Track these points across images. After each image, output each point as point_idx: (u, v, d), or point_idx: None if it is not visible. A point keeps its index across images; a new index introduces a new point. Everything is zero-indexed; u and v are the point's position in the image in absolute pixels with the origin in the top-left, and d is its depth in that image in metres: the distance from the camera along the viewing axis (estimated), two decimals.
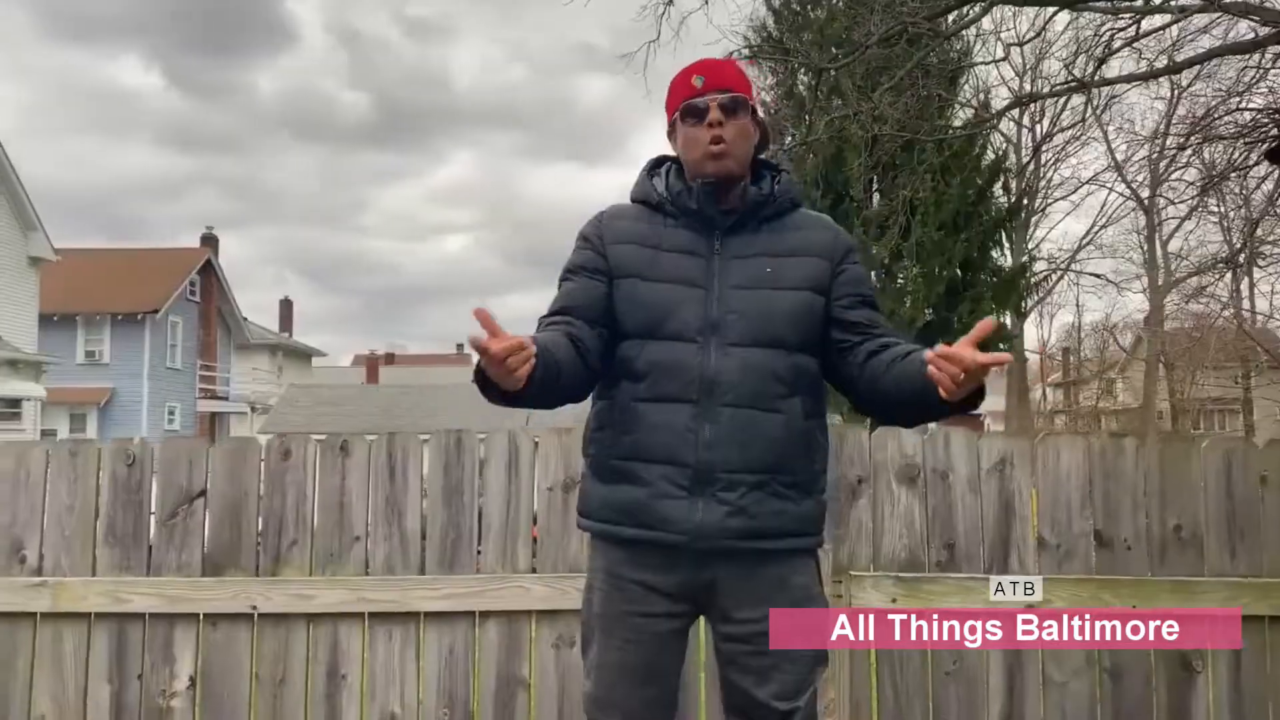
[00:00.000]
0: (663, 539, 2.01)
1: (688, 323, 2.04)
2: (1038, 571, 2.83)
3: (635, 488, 2.03)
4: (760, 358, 2.03)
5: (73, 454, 3.02)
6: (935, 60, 20.02)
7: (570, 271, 2.15)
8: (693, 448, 2.00)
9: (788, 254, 2.11)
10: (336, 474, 2.97)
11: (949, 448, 2.89)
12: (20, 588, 2.93)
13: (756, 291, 2.06)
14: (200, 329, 34.46)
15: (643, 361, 2.04)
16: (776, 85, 29.01)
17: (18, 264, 24.67)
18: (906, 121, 18.71)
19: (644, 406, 2.03)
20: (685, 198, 2.12)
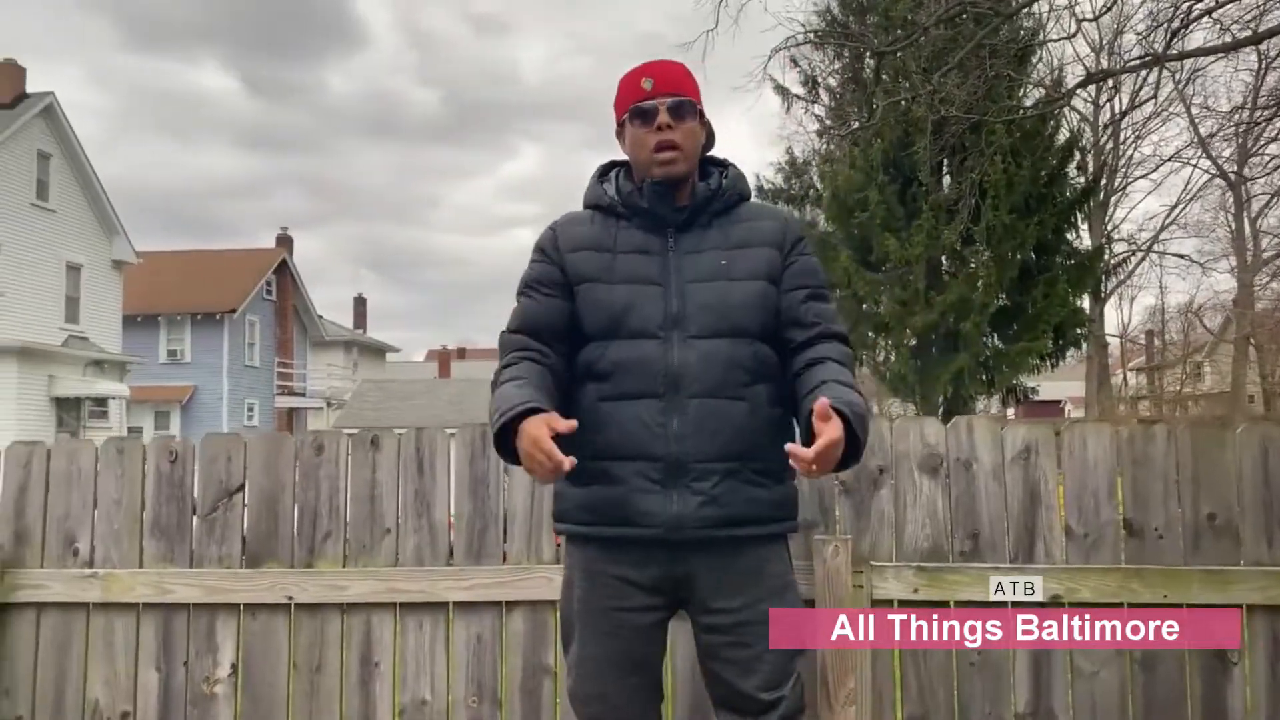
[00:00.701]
0: (641, 534, 2.05)
1: (649, 319, 2.08)
2: (1065, 561, 2.79)
3: (610, 486, 2.07)
4: (722, 348, 2.06)
5: (119, 451, 3.15)
6: (1003, 39, 19.60)
7: (529, 287, 2.21)
8: (663, 441, 2.03)
9: (739, 245, 2.14)
10: (367, 468, 3.05)
11: (972, 436, 2.86)
12: (73, 579, 3.08)
13: (713, 284, 2.10)
14: (277, 327, 35.37)
15: (607, 361, 2.08)
16: (841, 70, 28.66)
17: (102, 268, 25.59)
18: (974, 103, 18.38)
19: (611, 405, 2.07)
20: (636, 198, 2.16)
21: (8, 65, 23.32)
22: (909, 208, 26.46)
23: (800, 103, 29.11)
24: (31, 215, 23.27)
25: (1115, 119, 34.91)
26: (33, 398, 21.48)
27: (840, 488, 2.87)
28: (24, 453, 3.19)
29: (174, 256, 33.32)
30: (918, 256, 25.82)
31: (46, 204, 23.73)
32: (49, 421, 21.95)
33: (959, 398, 27.45)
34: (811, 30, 22.25)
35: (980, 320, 26.04)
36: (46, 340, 22.71)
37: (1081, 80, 22.18)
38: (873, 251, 26.80)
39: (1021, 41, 22.33)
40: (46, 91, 23.86)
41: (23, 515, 3.16)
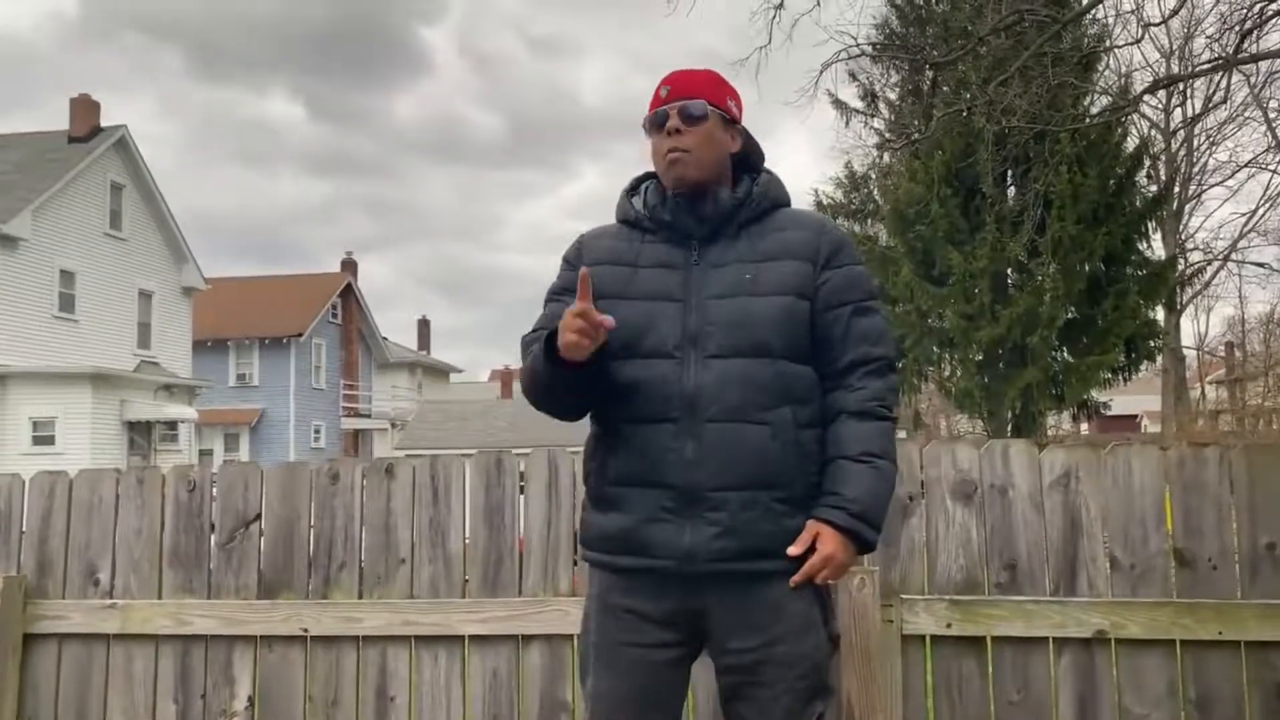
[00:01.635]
0: (654, 565, 1.95)
1: (665, 338, 1.97)
2: (1110, 594, 2.61)
3: (624, 515, 1.98)
4: (742, 368, 1.95)
5: (140, 481, 3.14)
6: (1067, 46, 19.17)
7: (555, 294, 2.15)
8: (676, 468, 1.93)
9: (767, 258, 2.02)
10: (382, 496, 2.99)
11: (1008, 461, 2.70)
12: (93, 609, 3.06)
13: (734, 299, 1.98)
14: (342, 350, 35.96)
15: (625, 382, 1.98)
16: (900, 83, 28.33)
17: (172, 294, 26.26)
18: (1036, 112, 17.97)
19: (628, 429, 1.98)
20: (660, 210, 2.07)
21: (83, 100, 24.11)
22: (972, 220, 26.00)
23: (859, 116, 28.84)
24: (105, 244, 23.97)
25: (1187, 125, 33.94)
26: (106, 422, 22.05)
27: None
28: (47, 482, 3.20)
29: (242, 282, 34.08)
30: (982, 270, 25.33)
31: (119, 233, 24.43)
32: (121, 445, 22.51)
33: (1028, 413, 26.82)
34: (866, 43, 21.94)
35: (1048, 333, 25.43)
36: (119, 365, 23.32)
37: (1148, 86, 21.53)
38: (935, 265, 26.37)
39: (1085, 49, 21.83)
40: (119, 125, 24.61)
41: (46, 544, 3.16)
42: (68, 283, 22.81)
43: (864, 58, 24.97)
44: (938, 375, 30.14)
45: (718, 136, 2.06)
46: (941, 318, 26.67)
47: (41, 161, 23.00)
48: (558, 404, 2.04)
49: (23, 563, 3.16)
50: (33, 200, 21.72)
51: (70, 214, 22.90)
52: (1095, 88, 25.77)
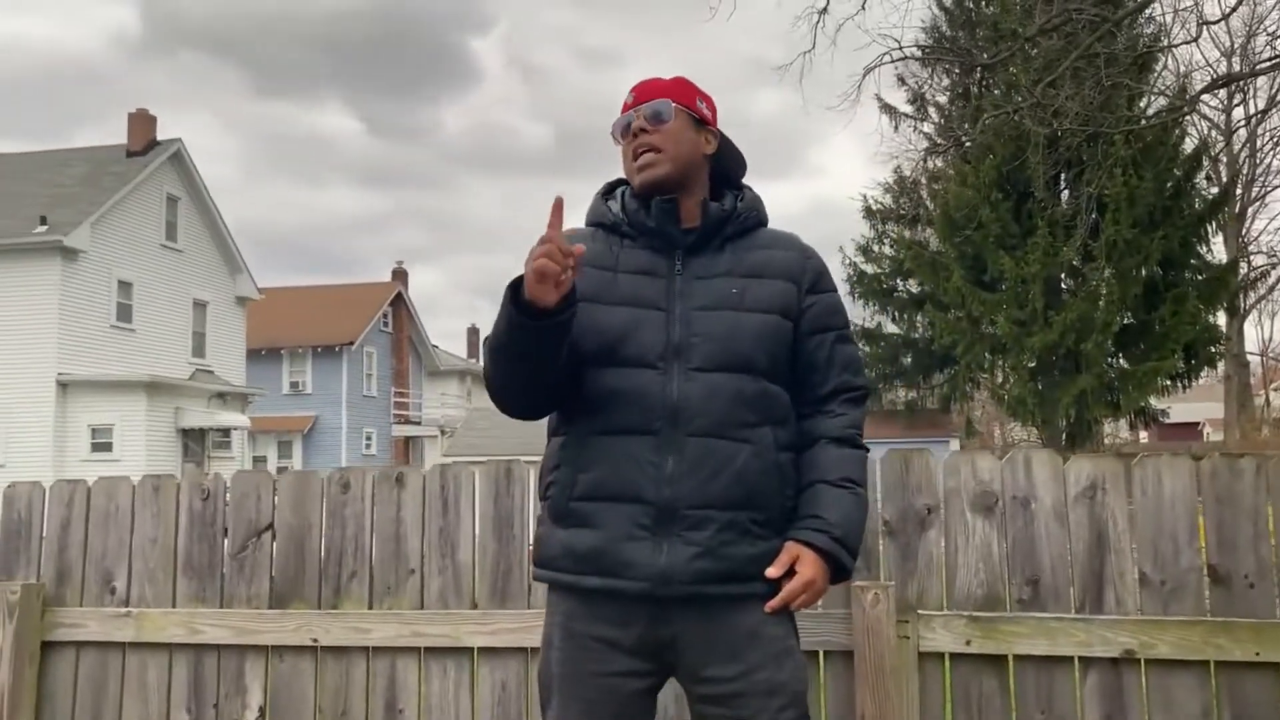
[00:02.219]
0: (626, 588, 1.84)
1: (647, 347, 1.90)
2: (1139, 611, 2.49)
3: (595, 531, 1.87)
4: (727, 383, 1.87)
5: (155, 489, 3.14)
6: (1121, 46, 18.78)
7: None
8: (655, 483, 1.84)
9: (754, 274, 1.96)
10: (392, 505, 2.96)
11: (1030, 472, 2.59)
12: (108, 618, 3.07)
13: (721, 313, 1.91)
14: (393, 358, 36.35)
15: (601, 390, 1.90)
16: (950, 86, 27.97)
17: (226, 304, 26.74)
18: (1089, 114, 17.60)
19: (603, 440, 1.89)
20: (642, 216, 1.99)
21: (140, 115, 24.68)
22: (1024, 224, 25.57)
23: (908, 121, 28.52)
24: (161, 255, 24.49)
25: (1249, 124, 33.09)
26: (161, 429, 22.49)
27: (885, 529, 2.64)
28: (66, 490, 3.21)
29: (295, 292, 34.62)
30: (1034, 275, 24.90)
31: (175, 244, 24.94)
32: (175, 452, 22.94)
33: (1082, 421, 26.30)
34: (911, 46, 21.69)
35: (1103, 339, 24.92)
36: (174, 374, 23.79)
37: (1207, 85, 21.02)
38: (987, 270, 25.98)
39: (1140, 48, 21.36)
40: (174, 139, 25.16)
41: (65, 553, 3.18)
42: (125, 293, 23.34)
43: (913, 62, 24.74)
44: (990, 382, 29.67)
45: (686, 135, 2.00)
46: (993, 324, 26.25)
47: (100, 175, 23.57)
48: (523, 381, 1.89)
49: (42, 571, 3.18)
50: (92, 213, 22.26)
51: (128, 226, 23.43)
52: (1151, 88, 25.22)
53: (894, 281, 30.54)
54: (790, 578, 1.87)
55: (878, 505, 2.64)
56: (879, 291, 30.20)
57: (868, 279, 30.12)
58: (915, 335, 30.27)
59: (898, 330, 30.91)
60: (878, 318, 31.07)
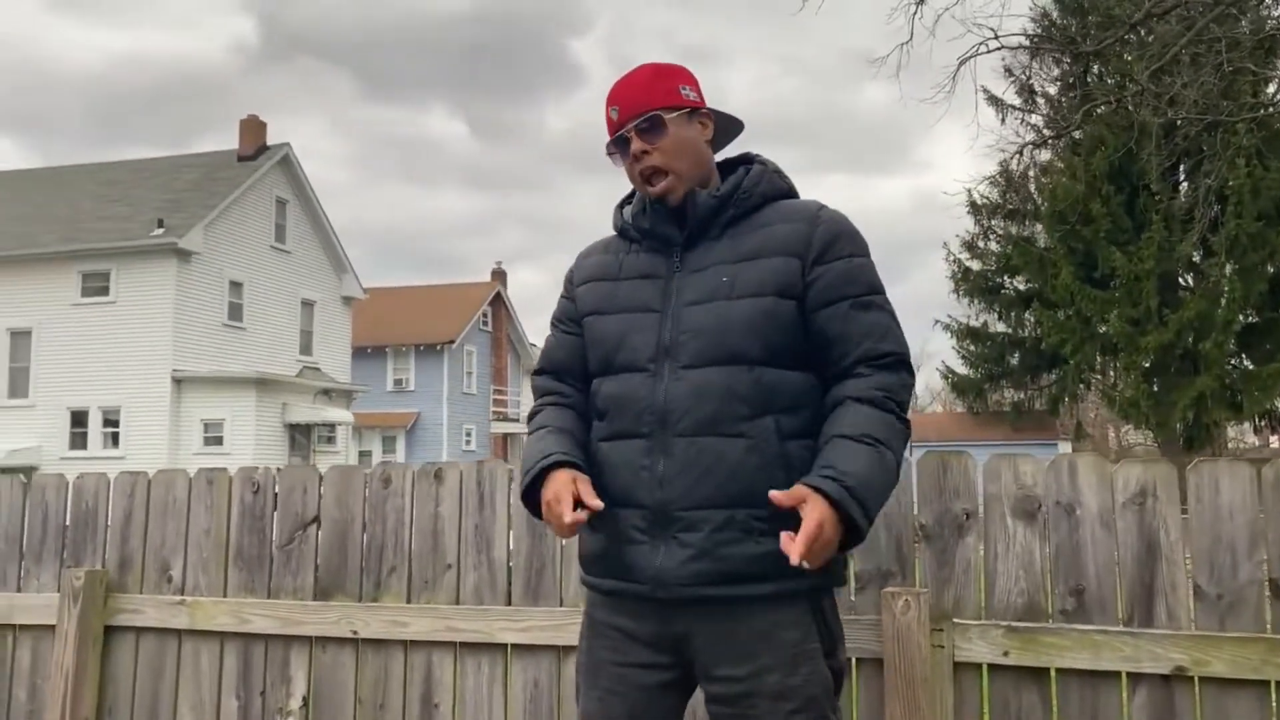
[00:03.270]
0: (629, 589, 1.86)
1: (638, 350, 1.89)
2: (1193, 626, 2.34)
3: (601, 535, 1.90)
4: (716, 377, 1.82)
5: (210, 482, 3.24)
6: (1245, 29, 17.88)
7: (554, 323, 2.13)
8: (648, 486, 1.83)
9: (749, 257, 1.88)
10: (431, 501, 2.98)
11: (1075, 477, 2.46)
12: (165, 605, 3.18)
13: (711, 305, 1.86)
14: (492, 356, 36.96)
15: (601, 399, 1.93)
16: (1061, 77, 27.05)
17: (333, 303, 27.58)
18: (1209, 102, 16.79)
19: (604, 446, 1.91)
20: (641, 219, 1.98)
21: (250, 121, 25.65)
22: (1137, 219, 24.58)
23: (1015, 112, 27.66)
24: (270, 256, 25.41)
25: None
26: (269, 424, 23.33)
27: (920, 533, 2.54)
28: (129, 482, 3.34)
29: (398, 291, 35.50)
30: (1148, 271, 23.92)
31: (283, 246, 25.85)
32: (283, 446, 23.77)
33: (1200, 424, 25.16)
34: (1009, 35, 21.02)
35: (1224, 339, 23.77)
36: (282, 371, 24.65)
37: None
38: (1098, 267, 25.05)
39: (1265, 32, 20.30)
40: (283, 143, 26.07)
41: (127, 542, 3.30)
42: (236, 293, 24.29)
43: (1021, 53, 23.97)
44: (1101, 383, 28.60)
45: (687, 136, 1.94)
46: (1105, 322, 25.32)
47: (213, 180, 24.58)
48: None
49: (107, 559, 3.31)
50: (205, 216, 23.22)
51: (239, 228, 24.37)
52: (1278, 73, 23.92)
53: (1000, 278, 29.68)
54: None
55: (914, 508, 2.55)
56: (985, 289, 29.40)
57: (973, 276, 29.36)
58: (1023, 334, 29.38)
59: (1005, 329, 30.04)
60: (983, 316, 30.25)
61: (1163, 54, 15.17)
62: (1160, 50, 15.44)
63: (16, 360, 23.73)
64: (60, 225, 24.47)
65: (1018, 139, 25.88)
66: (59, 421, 23.29)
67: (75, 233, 23.92)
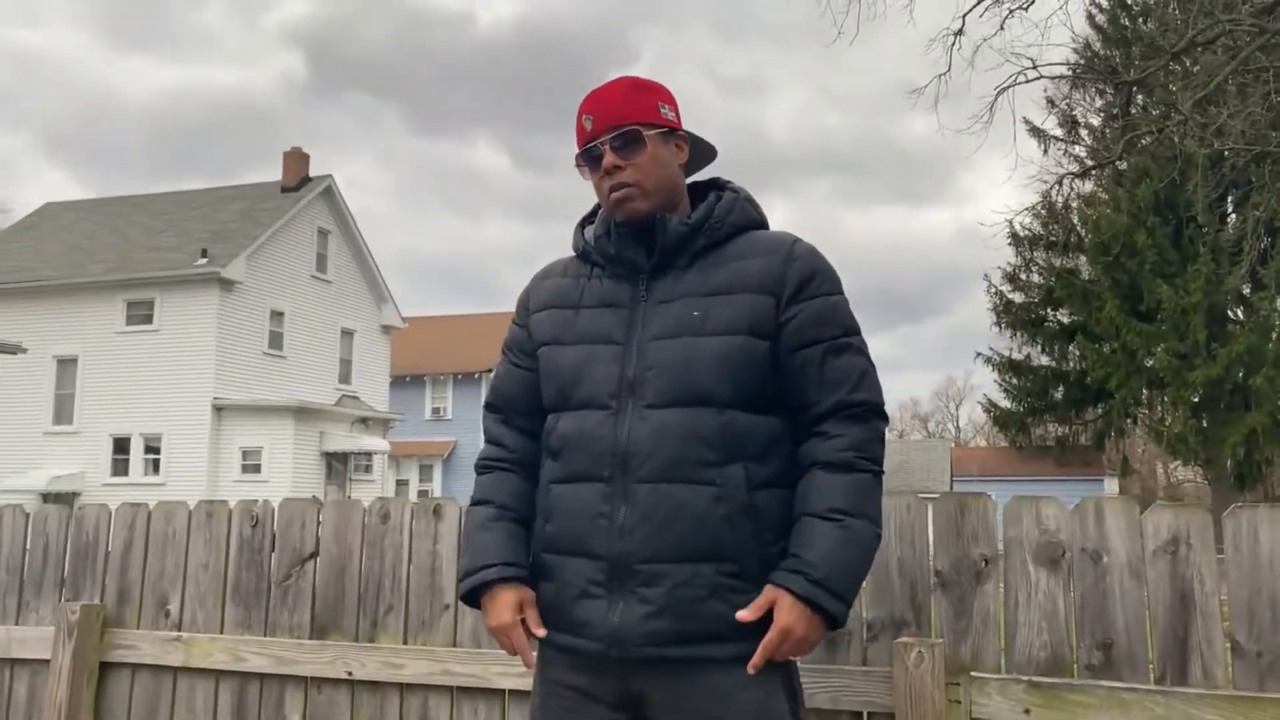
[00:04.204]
0: (582, 646, 1.72)
1: (599, 385, 1.75)
2: (1231, 685, 2.17)
3: (552, 585, 1.77)
4: (682, 419, 1.69)
5: (209, 514, 3.17)
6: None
7: (504, 350, 2.00)
8: (605, 535, 1.70)
9: (719, 291, 1.76)
10: (429, 538, 2.89)
11: (1102, 522, 2.31)
12: (160, 641, 3.10)
13: (677, 340, 1.74)
14: None
15: (555, 437, 1.79)
16: (1105, 108, 26.73)
17: (372, 332, 27.79)
18: (1257, 132, 16.45)
19: (558, 489, 1.77)
20: (605, 243, 1.84)
21: (294, 153, 26.03)
22: (1183, 251, 24.14)
23: (1058, 143, 27.36)
24: (312, 286, 25.68)
25: None
26: (307, 452, 23.47)
27: (936, 580, 2.40)
28: (129, 514, 3.28)
29: (437, 320, 35.73)
30: (1195, 304, 23.44)
31: (324, 275, 26.12)
32: (320, 475, 23.89)
33: (1251, 461, 24.51)
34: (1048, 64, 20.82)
35: (1275, 374, 23.19)
36: (321, 399, 24.82)
37: None
38: (1143, 300, 24.62)
39: None
40: (326, 175, 26.44)
41: (126, 574, 3.23)
42: (277, 322, 24.55)
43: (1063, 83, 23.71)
44: (1148, 418, 28.00)
45: (661, 156, 1.83)
46: (1151, 356, 24.83)
47: (256, 210, 24.95)
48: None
49: (105, 592, 3.25)
50: (248, 246, 23.55)
51: (281, 258, 24.68)
52: None
53: (1043, 311, 29.28)
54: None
55: (929, 553, 2.40)
56: (1027, 321, 29.00)
57: (1015, 308, 28.99)
58: (1067, 367, 28.92)
59: (1048, 362, 29.58)
60: (1026, 349, 29.83)
61: (1207, 83, 14.90)
62: (1205, 80, 15.17)
63: (62, 387, 24.13)
64: (108, 255, 24.95)
65: (1060, 169, 25.57)
66: (102, 448, 23.60)
67: (122, 262, 24.36)
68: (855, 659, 2.39)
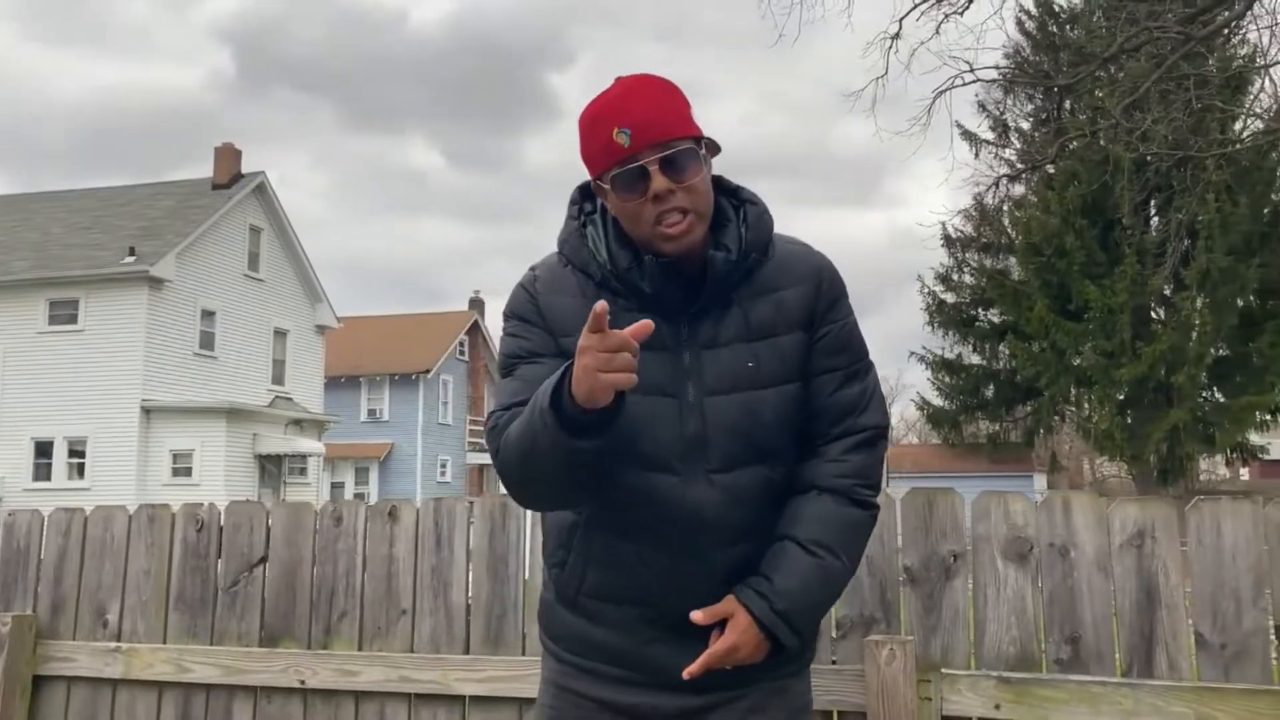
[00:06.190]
0: (651, 680, 1.70)
1: (664, 446, 1.61)
2: (1196, 677, 2.20)
3: (612, 631, 1.71)
4: (749, 479, 1.64)
5: (151, 519, 3.04)
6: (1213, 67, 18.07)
7: (520, 358, 1.70)
8: (680, 596, 1.65)
9: (766, 334, 1.66)
10: (385, 542, 2.80)
11: (1069, 517, 2.31)
12: (98, 653, 2.96)
13: (737, 396, 1.63)
14: (469, 386, 36.66)
15: (615, 487, 1.62)
16: (1034, 112, 27.32)
17: (306, 332, 27.28)
18: (1179, 138, 16.92)
19: (613, 542, 1.67)
20: (635, 276, 1.62)
21: (226, 149, 25.44)
22: (1110, 252, 24.76)
23: (989, 147, 27.88)
24: (244, 285, 25.12)
25: None
26: (239, 455, 22.94)
27: (905, 576, 2.39)
28: (64, 519, 3.14)
29: (373, 321, 35.21)
30: (1122, 304, 24.06)
31: (257, 274, 25.57)
32: (253, 478, 23.37)
33: (1174, 456, 25.23)
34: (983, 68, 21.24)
35: (1196, 372, 23.90)
36: (254, 401, 24.28)
37: None
38: (1071, 300, 25.19)
39: (1232, 69, 20.54)
40: (258, 171, 25.86)
41: (61, 583, 3.09)
42: (209, 321, 23.97)
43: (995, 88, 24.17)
44: (1076, 416, 28.68)
45: (707, 174, 1.63)
46: (1079, 355, 25.42)
47: (187, 208, 24.33)
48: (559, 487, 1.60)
49: (39, 602, 3.10)
50: (177, 244, 22.94)
51: (212, 256, 24.10)
52: (1247, 111, 24.22)
53: (974, 311, 29.81)
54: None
55: (898, 550, 2.39)
56: (959, 321, 29.50)
57: (947, 308, 29.45)
58: (997, 366, 29.47)
59: (979, 361, 30.12)
60: (958, 348, 30.34)
61: (1135, 89, 15.30)
62: (1132, 86, 15.58)
63: None
64: (30, 252, 24.12)
65: (991, 173, 26.08)
66: (23, 452, 22.81)
67: (44, 260, 23.58)
68: (825, 657, 2.36)
